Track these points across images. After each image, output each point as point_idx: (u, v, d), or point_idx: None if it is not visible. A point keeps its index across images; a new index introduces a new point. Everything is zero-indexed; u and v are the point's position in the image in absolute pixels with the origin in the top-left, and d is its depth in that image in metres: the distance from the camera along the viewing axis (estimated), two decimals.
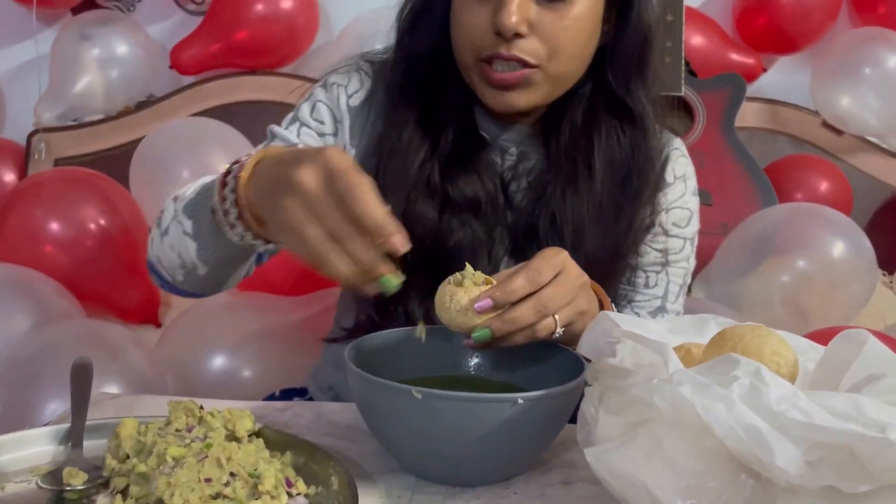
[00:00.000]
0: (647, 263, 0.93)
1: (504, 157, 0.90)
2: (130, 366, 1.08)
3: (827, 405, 0.46)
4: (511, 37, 0.78)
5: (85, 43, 2.01)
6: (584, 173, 0.85)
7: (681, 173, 0.94)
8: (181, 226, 0.76)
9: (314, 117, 0.90)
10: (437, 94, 0.87)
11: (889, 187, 2.12)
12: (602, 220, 0.85)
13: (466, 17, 0.81)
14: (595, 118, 0.86)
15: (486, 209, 0.86)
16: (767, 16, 2.06)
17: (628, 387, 0.51)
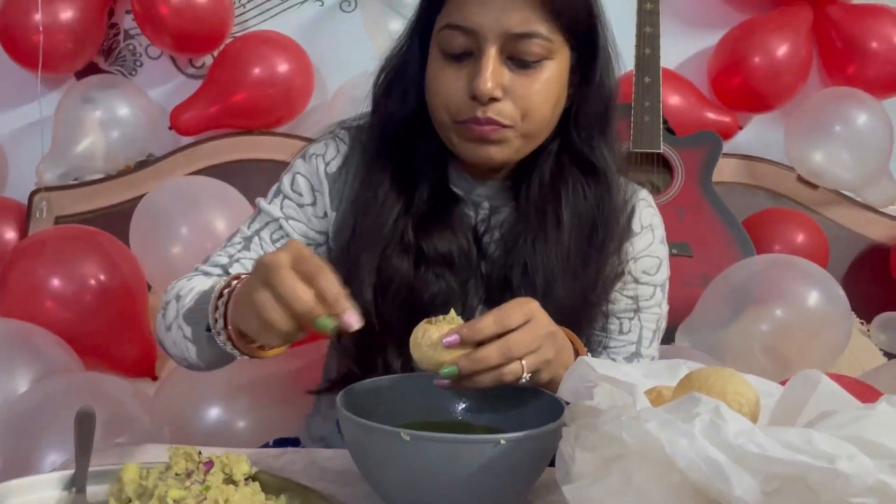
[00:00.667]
0: (619, 310, 0.97)
1: (477, 210, 0.94)
2: (130, 417, 1.11)
3: (781, 439, 0.50)
4: (486, 101, 0.83)
5: (87, 105, 2.08)
6: (553, 224, 0.90)
7: (647, 223, 0.98)
8: (182, 330, 0.83)
9: (294, 189, 0.95)
10: (410, 154, 0.92)
11: (864, 238, 2.18)
12: (571, 269, 0.90)
13: (442, 82, 0.85)
14: (562, 172, 0.91)
15: (460, 262, 0.90)
16: (741, 77, 2.15)
17: (600, 424, 0.55)
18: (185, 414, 1.25)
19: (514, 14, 0.82)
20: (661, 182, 1.95)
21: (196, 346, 0.83)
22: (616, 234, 0.93)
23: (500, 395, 0.76)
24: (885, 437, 0.51)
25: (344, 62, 2.18)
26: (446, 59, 0.85)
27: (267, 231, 0.94)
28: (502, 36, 0.82)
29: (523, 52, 0.83)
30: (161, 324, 0.88)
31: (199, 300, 0.82)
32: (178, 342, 0.85)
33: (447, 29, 0.84)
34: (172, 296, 0.88)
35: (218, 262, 0.93)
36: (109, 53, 2.28)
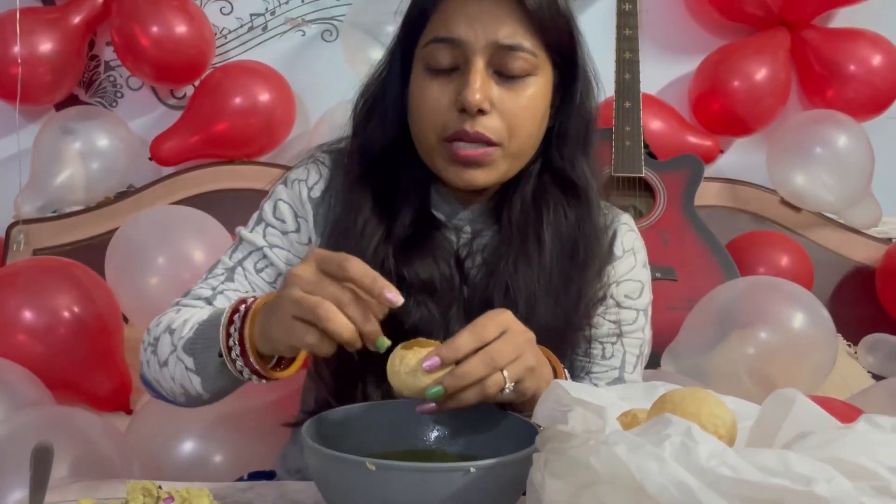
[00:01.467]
0: (601, 335, 0.96)
1: (459, 235, 0.93)
2: (97, 452, 1.08)
3: (756, 461, 0.48)
4: (475, 113, 0.83)
5: (67, 137, 2.07)
6: (535, 245, 0.89)
7: (629, 247, 0.98)
8: (182, 363, 0.82)
9: (276, 216, 0.94)
10: (391, 179, 0.91)
11: (849, 261, 2.18)
12: (553, 290, 0.89)
13: (429, 96, 0.85)
14: (544, 193, 0.91)
15: (442, 289, 0.89)
16: (722, 101, 2.16)
17: (569, 449, 0.53)
18: (158, 449, 1.21)
19: (500, 27, 0.83)
20: (643, 206, 1.95)
21: (201, 375, 0.81)
22: (597, 256, 0.92)
23: (474, 422, 0.74)
24: (865, 458, 0.49)
25: (326, 91, 2.18)
26: (432, 74, 0.85)
27: (250, 261, 0.93)
28: (489, 48, 0.83)
29: (509, 65, 0.83)
30: (150, 360, 0.87)
31: (201, 330, 0.81)
32: (177, 376, 0.83)
33: (433, 43, 0.84)
34: (162, 330, 0.86)
35: (201, 294, 0.91)
36: (90, 85, 2.27)
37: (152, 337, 0.87)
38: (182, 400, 0.87)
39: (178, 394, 0.86)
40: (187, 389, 0.84)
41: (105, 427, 1.12)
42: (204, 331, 0.81)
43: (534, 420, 0.65)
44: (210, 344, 0.80)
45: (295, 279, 0.70)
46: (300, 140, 2.21)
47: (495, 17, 0.83)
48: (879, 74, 2.15)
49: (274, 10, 2.27)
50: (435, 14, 0.85)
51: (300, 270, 0.70)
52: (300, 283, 0.69)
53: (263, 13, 2.28)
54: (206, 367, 0.80)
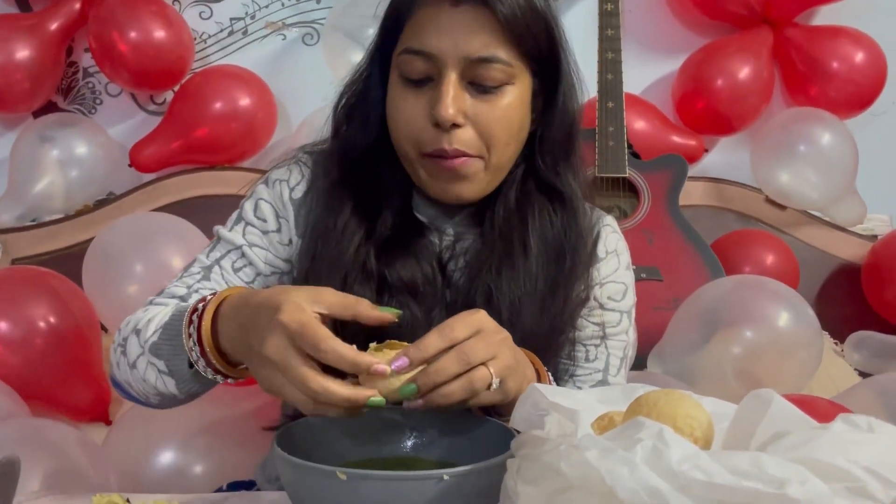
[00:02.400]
0: (585, 337, 0.95)
1: (442, 237, 0.92)
2: (72, 465, 1.06)
3: (728, 464, 0.47)
4: (448, 127, 0.82)
5: (45, 144, 2.04)
6: (520, 250, 0.88)
7: (612, 248, 0.97)
8: (154, 366, 0.81)
9: (257, 216, 0.92)
10: (373, 180, 0.90)
11: (835, 258, 2.18)
12: (538, 296, 0.88)
13: (403, 110, 0.84)
14: (528, 198, 0.90)
15: (425, 291, 0.88)
16: (705, 100, 2.16)
17: (540, 455, 0.51)
18: (135, 460, 1.20)
19: (473, 39, 0.81)
20: (627, 206, 1.94)
21: (175, 378, 0.80)
22: (583, 260, 0.91)
23: (452, 429, 0.73)
24: (840, 459, 0.48)
25: (307, 95, 2.17)
26: (406, 84, 0.84)
27: (228, 259, 0.91)
28: (462, 61, 0.81)
29: (483, 77, 0.82)
30: (120, 362, 0.85)
31: (165, 332, 0.80)
32: (149, 378, 0.81)
33: (406, 54, 0.83)
34: (130, 331, 0.84)
35: (175, 293, 0.89)
36: (68, 92, 2.25)
37: (121, 337, 0.85)
38: (155, 401, 0.85)
39: (150, 395, 0.84)
40: (161, 391, 0.82)
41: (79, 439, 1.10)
42: (167, 332, 0.79)
43: (511, 424, 0.64)
44: (175, 349, 0.78)
45: (266, 360, 0.66)
46: (282, 144, 2.19)
47: (468, 27, 0.81)
48: (862, 72, 2.16)
49: (254, 15, 2.26)
50: (409, 22, 0.84)
51: (270, 351, 0.65)
52: (272, 365, 0.65)
53: (243, 17, 2.26)
54: (178, 371, 0.79)
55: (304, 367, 0.64)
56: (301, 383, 0.63)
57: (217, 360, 0.74)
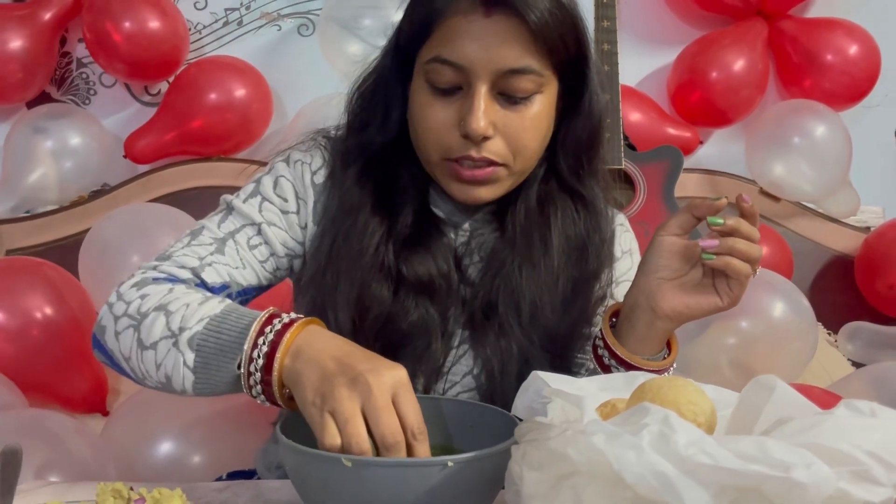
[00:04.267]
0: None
1: (457, 232, 0.91)
2: (71, 455, 1.06)
3: (734, 448, 0.47)
4: (479, 140, 0.81)
5: (39, 135, 2.03)
6: (541, 249, 0.87)
7: (627, 248, 0.98)
8: (181, 355, 0.73)
9: (277, 193, 0.88)
10: (391, 177, 0.88)
11: (828, 250, 2.19)
12: (559, 295, 0.87)
13: (431, 117, 0.82)
14: (550, 197, 0.89)
15: (441, 288, 0.87)
16: (700, 92, 2.17)
17: (546, 441, 0.52)
18: (134, 450, 1.20)
19: (505, 50, 0.79)
20: (623, 198, 1.95)
21: (198, 375, 0.73)
22: (603, 261, 0.91)
23: (453, 417, 0.73)
24: (844, 443, 0.48)
25: (302, 86, 2.16)
26: (434, 92, 0.82)
27: (243, 234, 0.86)
28: (494, 73, 0.80)
29: (514, 87, 0.81)
30: (125, 334, 0.76)
31: (213, 326, 0.72)
32: (167, 366, 0.73)
33: (436, 62, 0.81)
34: (152, 306, 0.76)
35: (185, 263, 0.82)
36: (62, 82, 2.24)
37: (134, 310, 0.77)
38: (151, 385, 0.77)
39: (152, 380, 0.76)
40: (171, 381, 0.74)
41: (78, 429, 1.10)
42: (217, 328, 0.72)
43: (513, 412, 0.64)
44: (225, 348, 0.71)
45: (365, 388, 0.63)
46: (277, 136, 2.19)
47: (500, 38, 0.79)
48: (856, 64, 2.17)
49: (249, 5, 2.25)
50: (438, 29, 0.82)
51: (375, 383, 0.63)
52: (364, 399, 0.63)
53: (238, 8, 2.25)
54: (211, 371, 0.72)
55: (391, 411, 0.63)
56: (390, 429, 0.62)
57: (279, 389, 0.69)
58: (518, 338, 0.86)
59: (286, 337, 0.69)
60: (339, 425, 0.62)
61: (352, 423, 0.61)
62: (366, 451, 0.61)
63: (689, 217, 0.82)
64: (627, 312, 0.85)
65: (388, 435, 0.62)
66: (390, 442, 0.62)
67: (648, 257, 0.83)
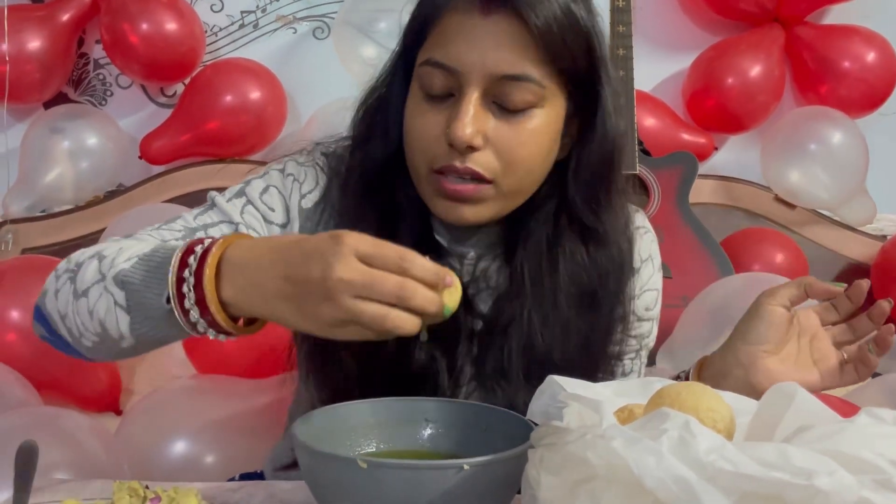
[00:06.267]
0: (624, 353, 0.89)
1: (462, 261, 0.85)
2: (86, 453, 1.06)
3: (755, 455, 0.47)
4: (464, 149, 0.74)
5: (55, 135, 2.05)
6: (550, 299, 0.81)
7: (646, 254, 0.91)
8: (111, 296, 0.68)
9: (264, 200, 0.84)
10: (391, 202, 0.83)
11: (844, 258, 2.18)
12: (573, 339, 0.82)
13: (419, 125, 0.77)
14: (559, 239, 0.82)
15: (447, 327, 0.77)
16: (716, 98, 2.16)
17: (563, 445, 0.52)
18: (148, 449, 1.20)
19: (502, 54, 0.73)
20: (637, 203, 1.93)
21: (132, 315, 0.68)
22: (620, 295, 0.85)
23: (468, 420, 0.73)
24: (866, 451, 0.48)
25: (317, 89, 2.17)
26: (426, 98, 0.77)
27: (217, 230, 0.81)
28: (488, 78, 0.74)
29: (510, 96, 0.74)
30: (63, 289, 0.71)
31: (142, 263, 0.68)
32: (98, 310, 0.69)
33: (427, 66, 0.76)
34: (88, 257, 0.72)
35: (145, 241, 0.77)
36: (79, 83, 2.25)
37: (73, 263, 0.73)
38: (89, 343, 0.71)
39: (88, 334, 0.70)
40: (107, 329, 0.69)
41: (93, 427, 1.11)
42: (146, 263, 0.68)
43: (528, 416, 0.64)
44: (151, 282, 0.67)
45: (341, 286, 0.59)
46: (291, 138, 2.20)
47: (496, 41, 0.73)
48: (873, 71, 2.15)
49: (265, 8, 2.26)
50: (434, 30, 0.77)
51: (342, 273, 0.58)
52: (349, 289, 0.59)
53: (254, 10, 2.26)
54: (143, 308, 0.67)
55: (389, 273, 0.58)
56: (391, 287, 0.58)
57: (220, 313, 0.64)
58: (529, 382, 0.81)
59: (213, 250, 0.64)
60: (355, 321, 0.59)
61: (362, 313, 0.58)
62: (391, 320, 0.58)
63: (801, 293, 0.77)
64: (715, 377, 0.80)
65: (393, 289, 0.58)
66: (399, 293, 0.58)
67: (753, 326, 0.78)
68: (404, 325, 0.59)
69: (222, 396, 1.29)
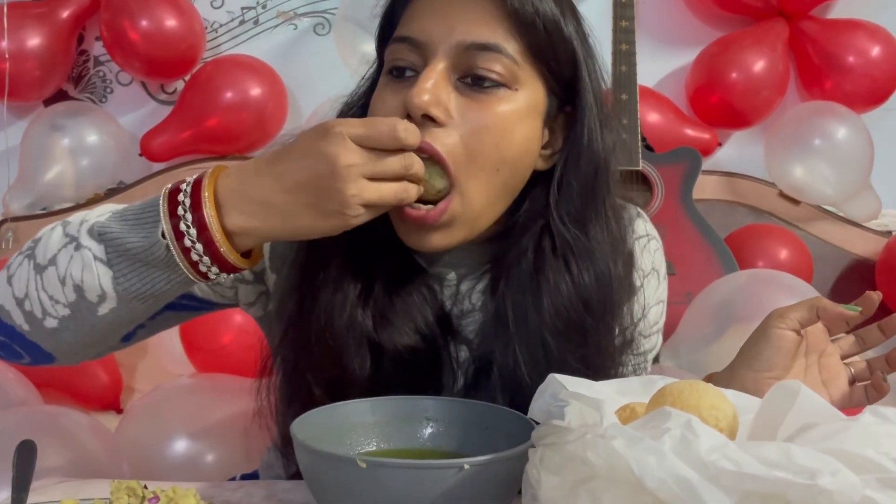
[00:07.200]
0: (630, 373, 0.84)
1: (443, 283, 0.79)
2: (85, 452, 1.06)
3: (758, 454, 0.46)
4: (421, 118, 0.67)
5: (55, 133, 2.05)
6: (536, 336, 0.75)
7: (649, 267, 0.85)
8: (87, 250, 0.64)
9: None
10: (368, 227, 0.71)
11: (848, 254, 2.16)
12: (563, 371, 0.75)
13: (379, 104, 0.71)
14: (543, 270, 0.74)
15: (427, 358, 0.76)
16: (719, 93, 2.15)
17: (564, 444, 0.51)
18: (148, 448, 1.20)
19: (472, 25, 0.69)
20: (640, 199, 1.93)
21: (114, 268, 0.64)
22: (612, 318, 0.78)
23: (469, 419, 0.72)
24: (870, 450, 0.47)
25: (318, 85, 2.17)
26: (390, 78, 0.72)
27: None
28: (454, 48, 0.69)
29: (478, 68, 0.68)
30: (18, 272, 0.67)
31: (121, 214, 0.65)
32: (70, 273, 0.64)
33: (394, 43, 0.72)
34: (48, 230, 0.68)
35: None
36: (79, 80, 2.25)
37: (26, 247, 0.69)
38: (55, 321, 0.66)
39: (58, 307, 0.65)
40: (84, 291, 0.64)
41: (92, 426, 1.11)
42: (122, 214, 0.65)
43: (529, 415, 0.63)
44: (134, 227, 0.63)
45: (349, 171, 0.60)
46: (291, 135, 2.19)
47: (466, 13, 0.69)
48: (878, 66, 2.14)
49: (265, 4, 2.26)
50: (403, 13, 0.73)
51: (347, 159, 0.60)
52: (360, 172, 0.61)
53: (255, 7, 2.26)
54: (128, 256, 0.63)
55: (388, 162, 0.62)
56: (395, 162, 0.62)
57: (226, 244, 0.62)
58: None
59: (205, 191, 0.62)
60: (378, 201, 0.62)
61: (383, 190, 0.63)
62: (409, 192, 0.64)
63: (812, 316, 0.71)
64: None
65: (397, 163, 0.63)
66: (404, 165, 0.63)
67: (760, 351, 0.72)
68: (411, 194, 0.64)
69: (222, 396, 1.28)
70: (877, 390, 0.73)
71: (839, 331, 0.75)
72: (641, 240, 0.86)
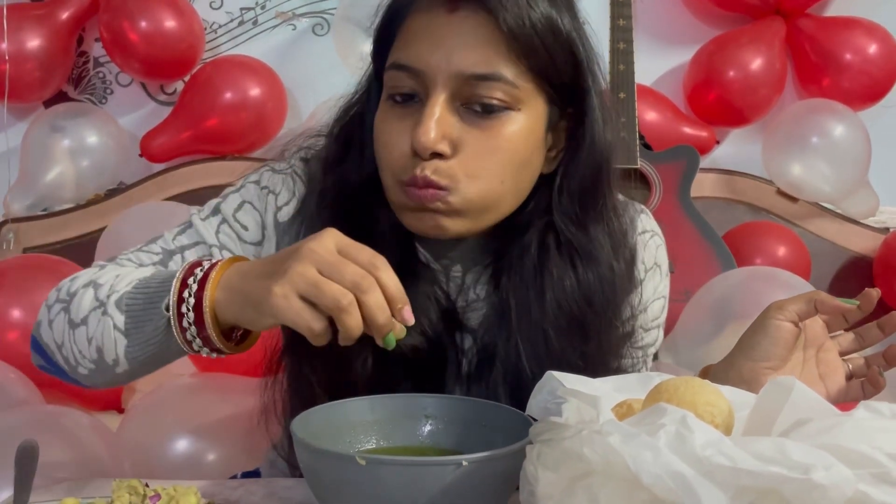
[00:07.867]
0: (630, 366, 0.86)
1: (449, 275, 0.80)
2: (87, 451, 1.06)
3: (753, 450, 0.46)
4: (428, 156, 0.69)
5: (56, 134, 2.05)
6: (539, 329, 0.76)
7: (651, 262, 0.87)
8: (110, 319, 0.69)
9: (238, 217, 0.81)
10: (371, 221, 0.77)
11: (846, 251, 2.17)
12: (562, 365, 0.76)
13: (385, 131, 0.73)
14: (547, 265, 0.77)
15: (432, 354, 0.77)
16: (717, 91, 2.15)
17: (561, 440, 0.51)
18: (149, 448, 1.20)
19: (469, 52, 0.69)
20: (639, 198, 1.94)
21: (130, 338, 0.69)
22: (614, 314, 0.80)
23: (467, 416, 0.73)
24: (864, 445, 0.48)
25: (317, 85, 2.17)
26: (393, 105, 0.72)
27: (193, 252, 0.80)
28: (454, 78, 0.69)
29: (480, 98, 0.69)
30: (57, 319, 0.73)
31: (143, 285, 0.69)
32: (96, 336, 0.70)
33: (393, 69, 0.72)
34: (82, 284, 0.73)
35: (125, 265, 0.78)
36: (79, 81, 2.26)
37: (65, 293, 0.74)
38: (85, 371, 0.72)
39: (85, 361, 0.71)
40: (104, 355, 0.70)
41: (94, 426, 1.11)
42: (147, 287, 0.69)
43: (527, 412, 0.64)
44: (152, 303, 0.68)
45: (311, 255, 0.61)
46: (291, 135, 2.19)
47: (463, 39, 0.69)
48: (875, 63, 2.14)
49: (264, 4, 2.26)
50: (399, 32, 0.73)
51: (317, 247, 0.62)
52: (316, 261, 0.61)
53: (253, 7, 2.26)
54: (143, 328, 0.68)
55: (350, 271, 0.61)
56: (352, 273, 0.61)
57: (215, 330, 0.66)
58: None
59: (213, 274, 0.67)
60: (312, 293, 0.61)
61: (322, 284, 0.61)
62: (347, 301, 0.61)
63: (811, 308, 0.72)
64: None
65: (354, 278, 0.61)
66: (359, 281, 0.61)
67: (758, 342, 0.73)
68: (350, 320, 0.61)
69: (223, 395, 1.29)
70: (873, 385, 0.73)
71: (838, 325, 0.75)
72: (644, 235, 0.87)
